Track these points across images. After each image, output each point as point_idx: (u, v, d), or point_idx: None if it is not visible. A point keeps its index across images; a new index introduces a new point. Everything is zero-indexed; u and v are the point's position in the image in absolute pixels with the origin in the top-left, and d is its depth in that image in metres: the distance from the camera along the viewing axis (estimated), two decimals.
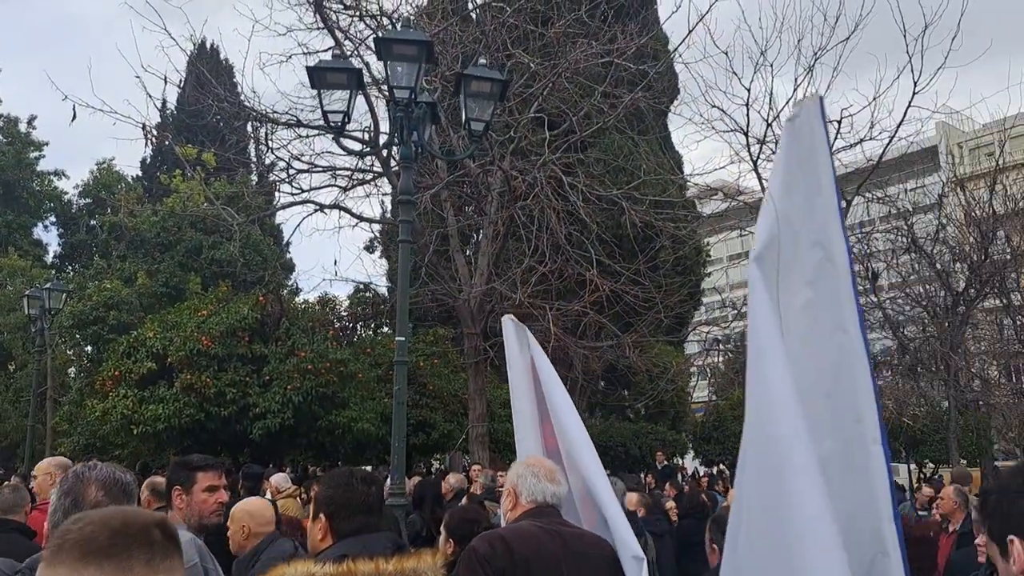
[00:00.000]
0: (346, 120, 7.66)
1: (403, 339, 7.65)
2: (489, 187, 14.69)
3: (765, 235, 1.90)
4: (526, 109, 13.55)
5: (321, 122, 13.74)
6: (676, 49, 15.49)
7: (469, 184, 15.45)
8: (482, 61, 8.29)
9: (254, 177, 22.85)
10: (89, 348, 21.07)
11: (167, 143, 26.34)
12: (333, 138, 8.38)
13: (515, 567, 2.71)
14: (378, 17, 13.46)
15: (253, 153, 22.57)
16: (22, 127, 33.68)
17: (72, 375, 24.86)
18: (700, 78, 15.87)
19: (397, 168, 14.11)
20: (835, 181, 1.90)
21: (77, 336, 21.32)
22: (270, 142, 13.45)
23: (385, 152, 12.56)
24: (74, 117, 12.44)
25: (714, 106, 13.90)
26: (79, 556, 1.10)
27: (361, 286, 20.08)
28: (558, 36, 13.33)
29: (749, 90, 13.48)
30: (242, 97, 14.33)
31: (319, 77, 7.56)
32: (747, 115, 13.68)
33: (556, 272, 13.60)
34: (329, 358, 14.24)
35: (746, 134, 14.01)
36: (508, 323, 4.11)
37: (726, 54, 13.65)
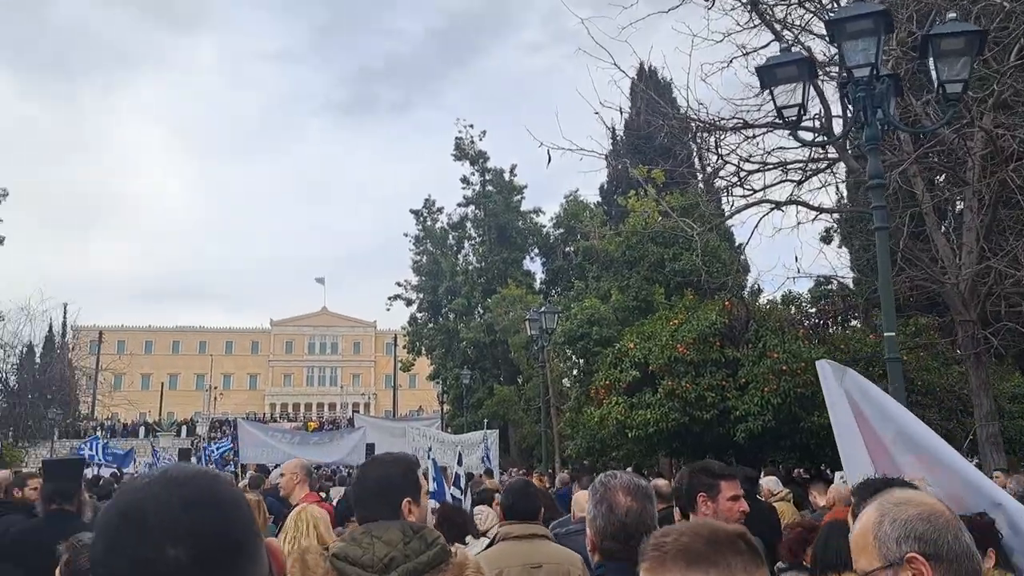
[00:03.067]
0: (802, 112, 7.45)
1: (892, 334, 7.09)
2: (968, 152, 12.83)
3: None
4: (1004, 56, 11.56)
5: (768, 119, 13.60)
6: None
7: (939, 153, 13.69)
8: (951, 16, 7.35)
9: (700, 186, 23.42)
10: (580, 361, 23.74)
11: (619, 167, 28.54)
12: (790, 133, 8.18)
13: None
14: None
15: (697, 163, 23.18)
16: (506, 176, 39.63)
17: (567, 385, 28.23)
18: None
19: (855, 151, 13.21)
20: None
21: (568, 351, 24.21)
22: (720, 149, 13.63)
23: (841, 136, 11.83)
24: (549, 160, 14.23)
25: None
26: (685, 564, 1.23)
27: (822, 279, 19.18)
28: None
29: None
30: (685, 111, 14.84)
31: (768, 75, 7.49)
32: None
33: None
34: (803, 358, 13.82)
35: None
36: (824, 366, 4.67)
37: None
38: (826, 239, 21.95)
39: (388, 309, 43.70)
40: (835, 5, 12.42)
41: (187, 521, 0.90)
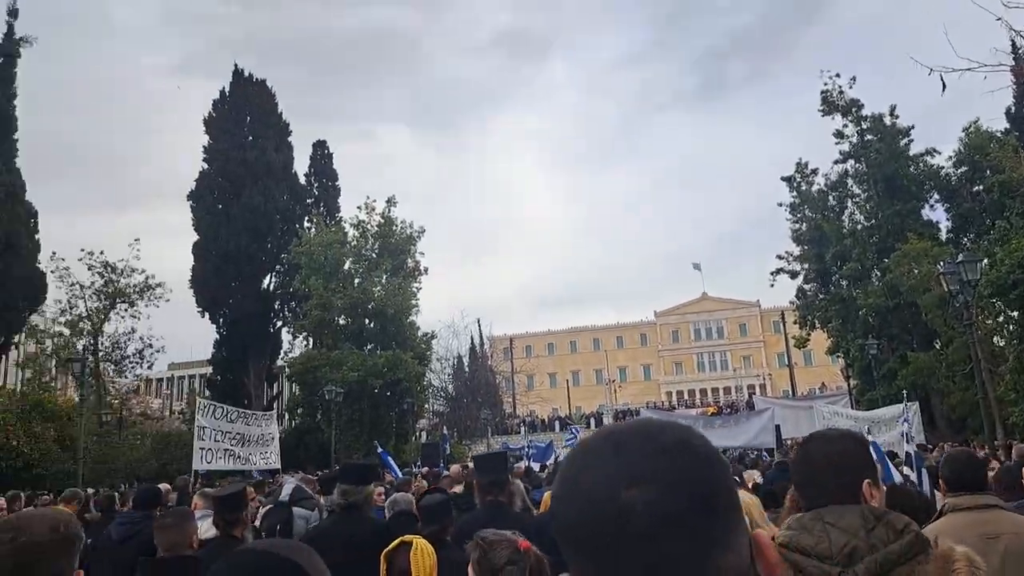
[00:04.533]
0: None
1: None
2: None
3: None
4: None
5: None
6: None
7: None
8: None
9: None
10: (1015, 313, 20.23)
11: None
12: None
13: None
14: None
15: None
16: (887, 120, 35.62)
17: (1000, 343, 24.30)
18: None
19: None
20: None
21: (997, 303, 20.79)
22: None
23: None
24: (944, 87, 12.34)
25: None
26: None
27: None
28: None
29: None
30: None
31: None
32: None
33: None
34: None
35: None
36: None
37: None
38: None
39: (772, 285, 41.69)
40: None
41: (646, 465, 0.79)
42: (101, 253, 32.72)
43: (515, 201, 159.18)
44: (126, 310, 33.62)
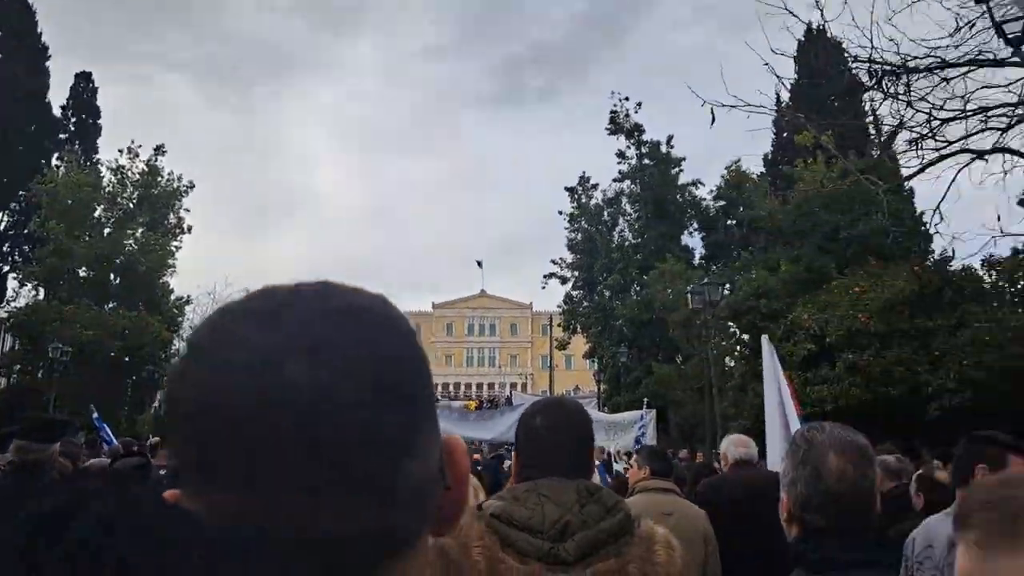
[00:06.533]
0: None
1: None
2: None
3: None
4: None
5: (967, 59, 11.96)
6: None
7: None
8: None
9: (875, 151, 21.45)
10: (745, 336, 22.44)
11: (785, 136, 26.67)
12: (1012, 52, 6.95)
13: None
14: None
15: (872, 129, 21.26)
16: (663, 148, 38.29)
17: (730, 364, 26.89)
18: None
19: None
20: None
21: (732, 326, 22.95)
22: (910, 94, 12.12)
23: None
24: (713, 120, 13.22)
25: None
26: None
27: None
28: None
29: None
30: (869, 53, 13.36)
31: None
32: None
33: None
34: (1011, 327, 12.12)
35: None
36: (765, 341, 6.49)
37: None
38: None
39: (543, 287, 43.50)
40: None
41: (322, 330, 0.51)
42: None
43: (304, 175, 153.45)
44: None
